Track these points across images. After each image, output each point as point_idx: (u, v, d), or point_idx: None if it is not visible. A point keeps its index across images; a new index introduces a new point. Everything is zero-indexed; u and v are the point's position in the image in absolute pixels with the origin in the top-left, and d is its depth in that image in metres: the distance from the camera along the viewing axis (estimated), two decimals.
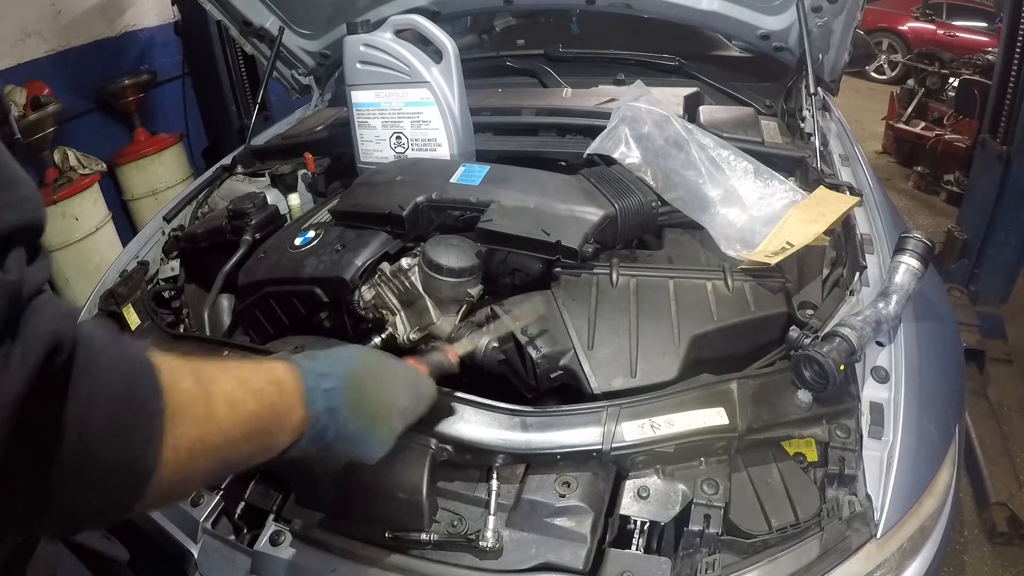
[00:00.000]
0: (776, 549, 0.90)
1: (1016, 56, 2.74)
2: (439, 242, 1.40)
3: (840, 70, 1.92)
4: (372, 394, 0.79)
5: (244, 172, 1.99)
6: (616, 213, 1.35)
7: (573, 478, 0.97)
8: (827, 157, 1.67)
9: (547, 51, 2.42)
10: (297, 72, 2.45)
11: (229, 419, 0.61)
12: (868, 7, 2.06)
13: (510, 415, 1.00)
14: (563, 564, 0.91)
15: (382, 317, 1.39)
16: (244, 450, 0.64)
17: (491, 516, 0.94)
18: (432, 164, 1.65)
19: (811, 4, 1.78)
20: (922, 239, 1.16)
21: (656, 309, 1.18)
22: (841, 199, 1.38)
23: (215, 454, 0.60)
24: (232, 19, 2.23)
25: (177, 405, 0.55)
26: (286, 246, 1.49)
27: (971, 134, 4.27)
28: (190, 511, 1.07)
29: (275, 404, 0.67)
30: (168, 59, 4.00)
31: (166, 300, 1.58)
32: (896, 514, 0.93)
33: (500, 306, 1.19)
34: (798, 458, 1.01)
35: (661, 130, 1.50)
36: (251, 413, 0.64)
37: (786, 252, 1.23)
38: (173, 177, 3.81)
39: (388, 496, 0.96)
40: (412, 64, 1.65)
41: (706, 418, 0.98)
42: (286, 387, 0.70)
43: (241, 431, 0.62)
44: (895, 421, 1.01)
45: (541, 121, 1.89)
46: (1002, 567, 2.18)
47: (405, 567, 0.94)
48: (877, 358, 1.09)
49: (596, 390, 1.08)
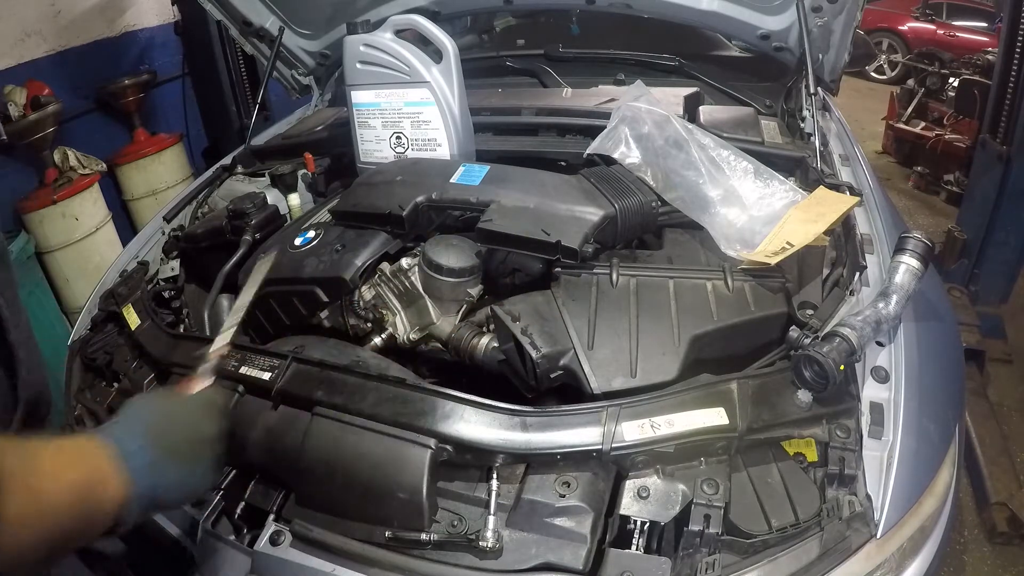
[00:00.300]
0: (776, 549, 0.90)
1: (1016, 56, 2.74)
2: (439, 242, 1.40)
3: (840, 70, 1.92)
4: (178, 434, 0.80)
5: (244, 172, 1.99)
6: (616, 213, 1.35)
7: (573, 478, 0.97)
8: (827, 157, 1.67)
9: (547, 51, 2.42)
10: (297, 72, 2.45)
11: (36, 515, 0.60)
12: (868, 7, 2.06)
13: (510, 415, 1.00)
14: (563, 564, 0.91)
15: (382, 317, 1.39)
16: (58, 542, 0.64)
17: (491, 516, 0.94)
18: (432, 164, 1.65)
19: (811, 4, 1.78)
20: (922, 239, 1.16)
21: (656, 309, 1.18)
22: (841, 199, 1.38)
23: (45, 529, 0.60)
24: (232, 19, 2.23)
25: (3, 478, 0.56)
26: (286, 246, 1.49)
27: (971, 134, 4.27)
28: (190, 511, 1.07)
29: (90, 483, 0.67)
30: (168, 59, 4.00)
31: (166, 300, 1.58)
32: (896, 514, 0.93)
33: (500, 306, 1.19)
34: (798, 458, 1.01)
35: (661, 130, 1.50)
36: (63, 503, 0.63)
37: (786, 252, 1.23)
38: (173, 177, 3.80)
39: (388, 496, 0.97)
40: (412, 64, 1.65)
41: (706, 418, 0.98)
42: (99, 463, 0.69)
43: (52, 525, 0.62)
44: (895, 421, 1.01)
45: (541, 121, 1.89)
46: (1002, 567, 2.18)
47: (405, 567, 0.94)
48: (877, 358, 1.09)
49: (596, 390, 1.08)
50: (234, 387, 1.12)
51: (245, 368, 1.14)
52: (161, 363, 1.27)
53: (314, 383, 1.09)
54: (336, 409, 1.05)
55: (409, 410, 1.02)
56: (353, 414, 1.03)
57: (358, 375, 1.09)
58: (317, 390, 1.08)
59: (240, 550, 1.01)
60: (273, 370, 1.13)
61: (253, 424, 1.09)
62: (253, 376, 1.13)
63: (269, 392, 1.10)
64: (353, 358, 1.22)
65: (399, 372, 1.20)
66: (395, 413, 1.02)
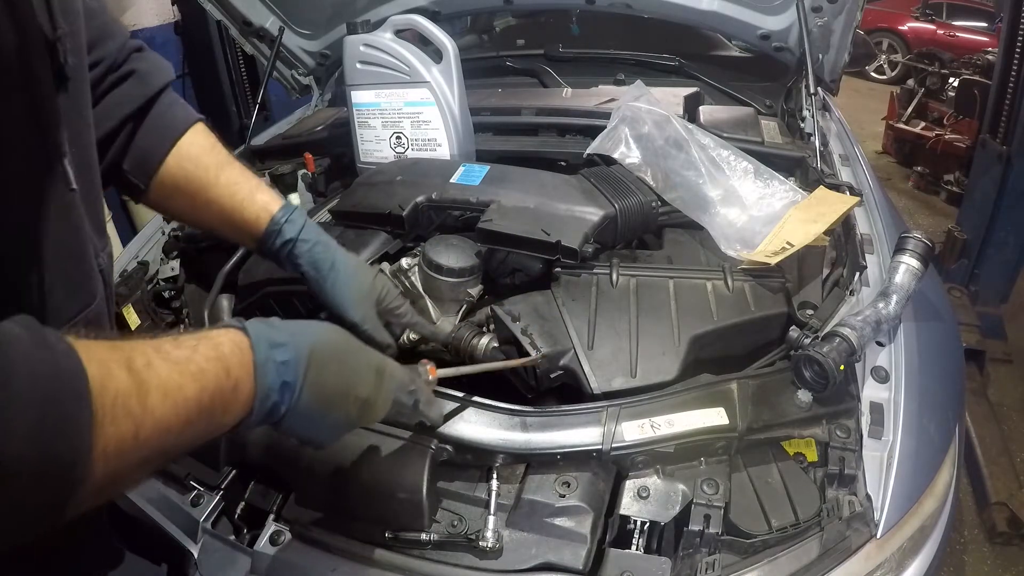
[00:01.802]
0: (776, 549, 0.90)
1: (1016, 56, 2.74)
2: (439, 242, 1.40)
3: (840, 70, 1.92)
4: (333, 373, 0.73)
5: None
6: (616, 213, 1.35)
7: (573, 478, 0.97)
8: (827, 157, 1.67)
9: (547, 51, 2.42)
10: (297, 72, 2.45)
11: (166, 409, 0.57)
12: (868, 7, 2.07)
13: (510, 415, 1.00)
14: (563, 564, 0.91)
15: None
16: (184, 437, 0.60)
17: (491, 516, 0.94)
18: (432, 164, 1.66)
19: (811, 4, 1.78)
20: (922, 239, 1.16)
21: (656, 309, 1.18)
22: (841, 199, 1.38)
23: (151, 446, 0.56)
24: (232, 19, 2.23)
25: (107, 407, 0.51)
26: None
27: (971, 134, 4.27)
28: (190, 511, 1.07)
29: (219, 384, 0.62)
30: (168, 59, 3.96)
31: (166, 300, 1.58)
32: (896, 514, 0.93)
33: (500, 306, 1.19)
34: (798, 458, 1.01)
35: (661, 130, 1.50)
36: (191, 398, 0.59)
37: (786, 252, 1.24)
38: None
39: (388, 496, 0.96)
40: (412, 64, 1.65)
41: (706, 418, 0.98)
42: (232, 362, 0.64)
43: (179, 419, 0.58)
44: (895, 421, 1.01)
45: (541, 121, 1.89)
46: (1002, 567, 2.18)
47: (405, 567, 0.94)
48: (877, 358, 1.09)
49: (596, 390, 1.08)
50: None
51: None
52: None
53: None
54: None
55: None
56: None
57: None
58: None
59: (240, 550, 1.01)
60: None
61: None
62: None
63: None
64: None
65: None
66: (395, 413, 1.02)
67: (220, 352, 0.64)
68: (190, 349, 0.62)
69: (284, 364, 0.68)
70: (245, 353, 0.66)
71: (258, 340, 0.67)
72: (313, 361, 0.70)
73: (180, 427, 0.58)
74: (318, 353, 0.71)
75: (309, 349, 0.71)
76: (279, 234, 1.03)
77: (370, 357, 0.80)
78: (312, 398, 0.70)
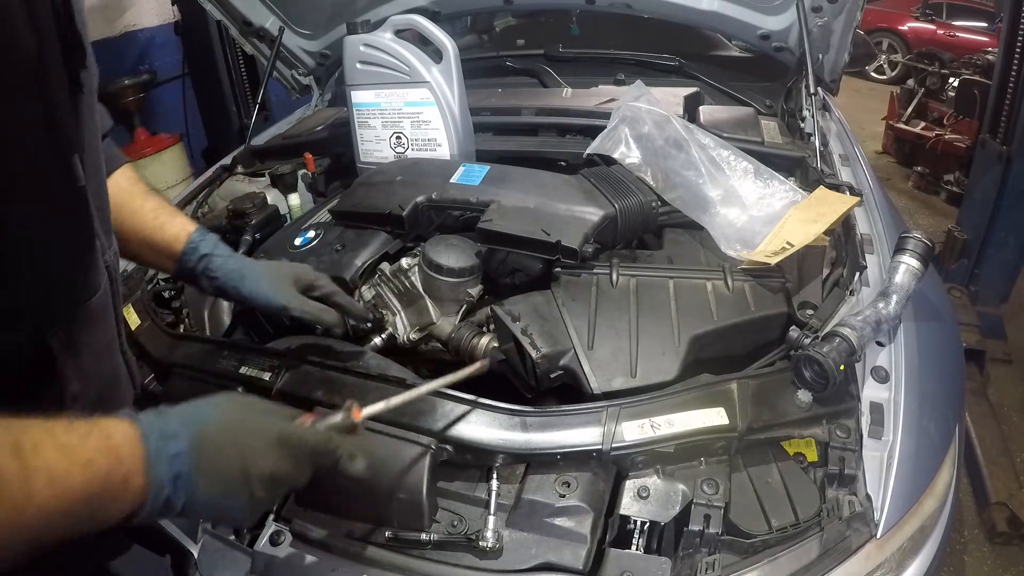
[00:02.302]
0: (776, 549, 0.90)
1: (1016, 56, 2.74)
2: (439, 242, 1.40)
3: (840, 70, 1.92)
4: (228, 457, 0.70)
5: (244, 172, 1.99)
6: (616, 213, 1.35)
7: (573, 478, 0.97)
8: (827, 157, 1.68)
9: (547, 51, 2.42)
10: (297, 72, 2.46)
11: (50, 496, 0.56)
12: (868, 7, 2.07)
13: (510, 415, 1.00)
14: (563, 564, 0.91)
15: (382, 317, 1.39)
16: (66, 526, 0.59)
17: (491, 516, 0.94)
18: (432, 164, 1.66)
19: (811, 4, 1.78)
20: (922, 239, 1.16)
21: (656, 309, 1.18)
22: (841, 199, 1.38)
23: (29, 534, 0.55)
24: (232, 19, 2.23)
25: None
26: (286, 246, 1.49)
27: (971, 134, 4.27)
28: None
29: (109, 475, 0.61)
30: (168, 59, 4.00)
31: (166, 300, 1.58)
32: (896, 514, 0.93)
33: (500, 306, 1.19)
34: (798, 458, 1.01)
35: (661, 130, 1.50)
36: (78, 486, 0.58)
37: (786, 252, 1.24)
38: (173, 177, 3.81)
39: (388, 496, 0.96)
40: (412, 64, 1.65)
41: (706, 418, 0.98)
42: (123, 452, 0.63)
43: (63, 508, 0.57)
44: (895, 421, 1.01)
45: (541, 121, 1.89)
46: (1002, 567, 2.18)
47: (405, 567, 0.94)
48: (877, 358, 1.09)
49: (596, 390, 1.08)
50: (234, 387, 1.12)
51: (245, 368, 1.14)
52: (161, 363, 1.27)
53: (314, 383, 1.09)
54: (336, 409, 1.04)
55: (409, 410, 1.02)
56: None
57: (358, 375, 1.09)
58: (317, 390, 1.08)
59: (240, 550, 1.01)
60: (273, 370, 1.13)
61: None
62: (253, 376, 1.13)
63: (269, 392, 1.10)
64: (353, 358, 1.22)
65: (399, 372, 1.20)
66: (395, 413, 1.02)
67: (111, 443, 0.63)
68: (81, 436, 0.61)
69: (176, 456, 0.66)
70: (136, 446, 0.65)
71: (149, 432, 0.66)
72: (205, 450, 0.69)
73: (62, 517, 0.58)
74: (210, 440, 0.70)
75: (201, 437, 0.69)
76: (196, 249, 1.10)
77: (268, 430, 0.74)
78: (209, 486, 0.68)
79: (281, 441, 0.73)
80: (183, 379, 1.19)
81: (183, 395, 1.17)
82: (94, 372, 0.80)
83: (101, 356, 0.82)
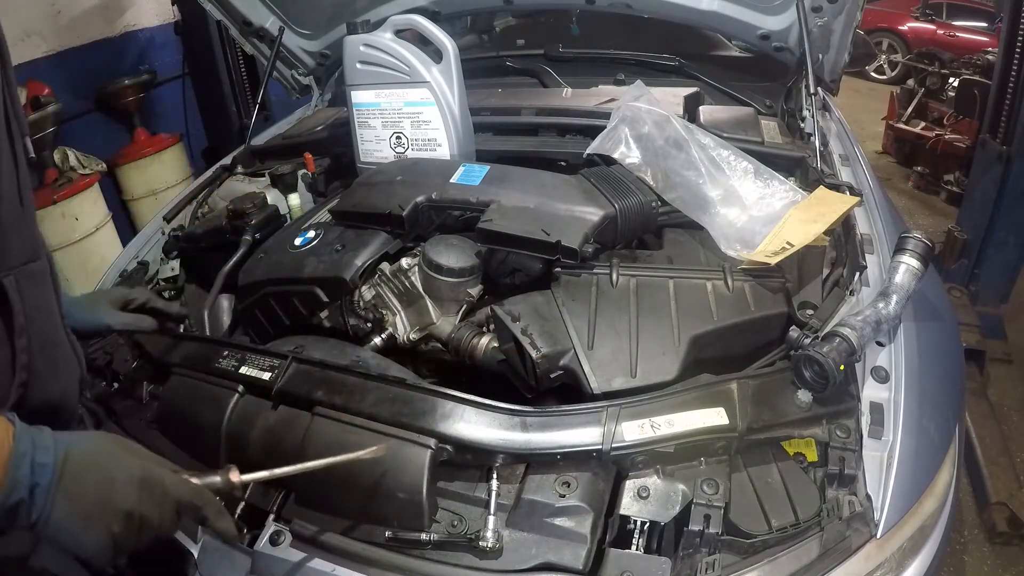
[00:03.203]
0: (776, 549, 0.90)
1: (1016, 56, 2.74)
2: (439, 242, 1.40)
3: (840, 70, 1.92)
4: (91, 483, 0.69)
5: (244, 172, 1.99)
6: (616, 213, 1.35)
7: (573, 478, 0.97)
8: (827, 157, 1.67)
9: (547, 51, 2.42)
10: (297, 72, 2.46)
11: None
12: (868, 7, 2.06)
13: (510, 415, 1.00)
14: (563, 564, 0.91)
15: (382, 317, 1.39)
16: None
17: (491, 516, 0.94)
18: (432, 164, 1.66)
19: (811, 4, 1.78)
20: (922, 239, 1.16)
21: (656, 309, 1.18)
22: (841, 199, 1.38)
23: None
24: (232, 19, 2.23)
25: None
26: (286, 246, 1.49)
27: (971, 134, 4.27)
28: None
29: None
30: (168, 59, 4.00)
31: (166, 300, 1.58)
32: (896, 514, 0.93)
33: (500, 306, 1.19)
34: (798, 458, 1.01)
35: (661, 130, 1.50)
36: None
37: (786, 252, 1.23)
38: (173, 177, 3.81)
39: (388, 496, 0.97)
40: (412, 64, 1.65)
41: (706, 418, 0.98)
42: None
43: None
44: (895, 421, 1.01)
45: (541, 121, 1.89)
46: (1002, 567, 2.18)
47: (405, 567, 0.94)
48: (877, 358, 1.09)
49: (596, 390, 1.08)
50: (234, 387, 1.12)
51: (245, 368, 1.14)
52: (161, 363, 1.27)
53: (314, 383, 1.09)
54: (336, 409, 1.05)
55: (409, 410, 1.02)
56: (353, 414, 1.03)
57: (358, 375, 1.09)
58: (317, 390, 1.08)
59: (240, 550, 1.00)
60: (273, 370, 1.13)
61: (253, 424, 1.09)
62: (253, 376, 1.13)
63: (269, 392, 1.10)
64: (353, 358, 1.22)
65: (399, 372, 1.20)
66: (395, 413, 1.02)
67: None
68: None
69: (41, 466, 0.66)
70: (6, 439, 0.65)
71: (22, 435, 0.66)
72: (70, 468, 0.68)
73: None
74: (77, 462, 0.69)
75: (68, 457, 0.69)
76: None
77: (135, 468, 0.73)
78: (68, 507, 0.67)
79: (145, 481, 0.73)
80: (183, 379, 1.20)
81: (183, 395, 1.18)
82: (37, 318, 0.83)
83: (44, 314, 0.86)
